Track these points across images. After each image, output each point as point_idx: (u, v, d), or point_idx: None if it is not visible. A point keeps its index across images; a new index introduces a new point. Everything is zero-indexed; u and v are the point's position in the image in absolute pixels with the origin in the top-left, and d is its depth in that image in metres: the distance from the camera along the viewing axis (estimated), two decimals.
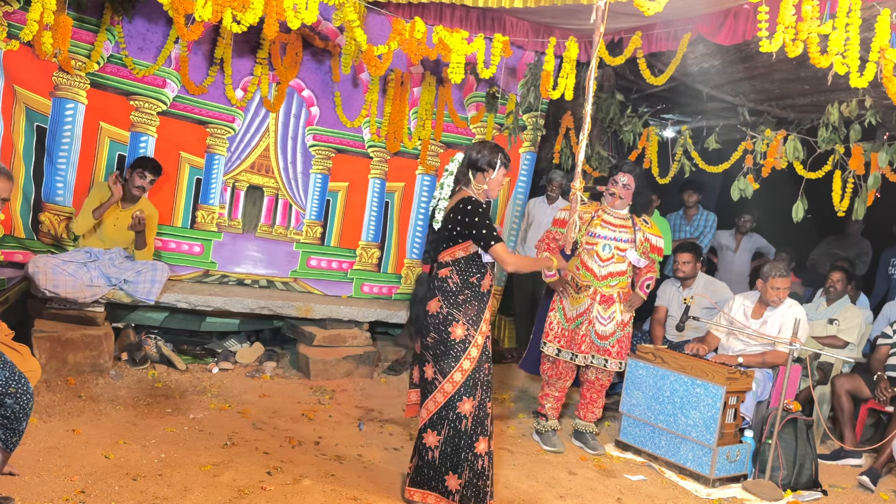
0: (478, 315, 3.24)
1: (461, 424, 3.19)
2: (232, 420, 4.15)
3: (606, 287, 4.37)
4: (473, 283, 3.23)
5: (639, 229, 4.45)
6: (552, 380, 4.49)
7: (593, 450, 4.44)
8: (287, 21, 3.97)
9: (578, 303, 4.38)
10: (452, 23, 5.11)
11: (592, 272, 4.36)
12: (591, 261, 4.35)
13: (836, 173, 5.29)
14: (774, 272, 4.56)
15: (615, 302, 4.39)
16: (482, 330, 3.24)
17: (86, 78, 4.92)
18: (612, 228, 4.38)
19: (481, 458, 3.23)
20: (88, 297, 4.55)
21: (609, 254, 4.36)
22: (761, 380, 4.52)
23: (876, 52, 3.57)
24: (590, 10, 3.62)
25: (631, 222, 4.44)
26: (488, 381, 3.29)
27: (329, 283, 5.78)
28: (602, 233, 4.36)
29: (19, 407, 2.62)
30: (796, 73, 5.26)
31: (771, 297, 4.58)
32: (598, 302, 4.36)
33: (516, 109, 5.94)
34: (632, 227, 4.43)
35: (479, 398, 3.22)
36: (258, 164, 5.55)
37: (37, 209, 4.89)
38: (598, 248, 4.34)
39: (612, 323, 4.38)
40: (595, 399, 4.54)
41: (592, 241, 4.36)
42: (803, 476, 4.22)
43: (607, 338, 4.38)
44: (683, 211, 6.87)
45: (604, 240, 4.36)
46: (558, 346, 4.40)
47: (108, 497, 3.03)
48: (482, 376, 3.24)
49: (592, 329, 4.36)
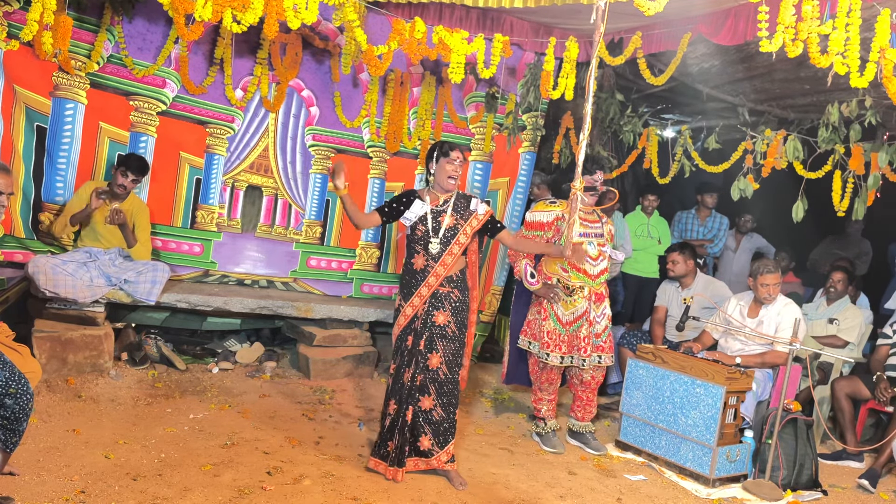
0: (408, 289, 3.70)
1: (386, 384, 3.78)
2: (232, 420, 4.15)
3: (598, 285, 4.39)
4: (407, 261, 3.76)
5: (605, 222, 4.51)
6: (545, 385, 4.46)
7: (595, 450, 4.42)
8: (287, 21, 3.97)
9: (573, 306, 4.34)
10: (452, 23, 5.11)
11: (585, 272, 4.34)
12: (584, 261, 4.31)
13: (836, 173, 5.29)
14: (763, 269, 4.59)
15: (605, 298, 4.45)
16: (412, 302, 3.67)
17: (86, 78, 4.92)
18: (589, 225, 4.40)
19: (389, 416, 3.67)
20: (88, 297, 4.55)
21: (596, 252, 4.38)
22: (761, 380, 4.52)
23: (876, 52, 3.57)
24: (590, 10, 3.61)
25: (596, 215, 4.50)
26: (410, 354, 3.67)
27: (329, 283, 5.78)
28: (584, 231, 4.35)
29: (19, 407, 2.62)
30: (796, 73, 5.26)
31: (762, 294, 4.59)
32: (592, 301, 4.37)
33: (516, 109, 5.93)
34: (599, 220, 4.49)
35: (398, 363, 3.69)
36: (258, 164, 5.55)
37: (37, 209, 4.89)
38: (586, 247, 4.31)
39: (604, 319, 4.43)
40: (591, 399, 4.52)
41: (578, 240, 4.28)
42: (803, 476, 4.22)
43: (601, 335, 4.41)
44: (696, 211, 6.86)
45: (587, 238, 4.35)
46: (561, 355, 4.33)
47: (108, 497, 3.03)
48: (403, 346, 3.69)
49: (592, 330, 4.36)
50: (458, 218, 3.72)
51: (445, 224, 3.68)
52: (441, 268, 3.66)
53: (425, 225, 3.69)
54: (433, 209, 3.71)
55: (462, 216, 3.73)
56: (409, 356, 3.68)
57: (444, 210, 3.71)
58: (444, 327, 3.68)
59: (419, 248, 3.70)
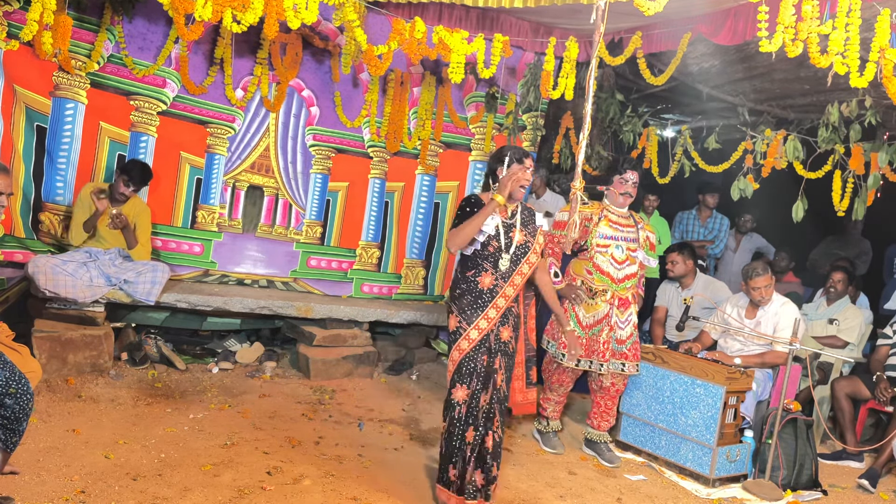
0: (471, 309, 3.30)
1: (455, 412, 3.28)
2: (232, 420, 4.15)
3: (623, 290, 4.28)
4: (469, 278, 3.35)
5: (641, 227, 4.39)
6: (555, 386, 4.39)
7: (610, 462, 4.30)
8: (287, 21, 3.97)
9: (595, 309, 4.25)
10: (452, 23, 5.11)
11: (609, 276, 4.24)
12: (607, 264, 4.24)
13: (836, 173, 5.29)
14: (752, 273, 4.59)
15: (630, 304, 4.31)
16: (478, 325, 3.28)
17: (86, 78, 4.92)
18: (619, 228, 4.30)
19: (471, 445, 3.28)
20: (88, 297, 4.55)
21: (623, 255, 4.26)
22: (761, 380, 4.52)
23: (876, 52, 3.57)
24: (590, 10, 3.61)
25: (633, 220, 4.39)
26: (487, 375, 3.30)
27: (329, 282, 5.78)
28: (612, 234, 4.27)
29: (19, 407, 2.62)
30: (796, 73, 5.26)
31: (755, 297, 4.60)
32: (616, 306, 4.26)
33: (516, 109, 5.94)
34: (634, 225, 4.37)
35: (474, 388, 3.29)
36: (258, 164, 5.55)
37: (37, 209, 4.89)
38: (612, 250, 4.24)
39: (629, 326, 4.30)
40: (610, 407, 4.42)
41: (604, 243, 4.25)
42: (803, 476, 4.22)
43: (624, 341, 4.29)
44: (697, 211, 6.85)
45: (614, 241, 4.27)
46: (577, 357, 4.25)
47: (108, 497, 3.03)
48: (478, 368, 3.29)
49: (613, 335, 4.26)
50: (527, 234, 3.39)
51: (516, 240, 3.35)
52: (511, 288, 3.32)
53: (498, 241, 3.31)
54: (504, 222, 3.35)
55: (530, 232, 3.41)
56: (487, 377, 3.31)
57: (513, 224, 3.37)
58: (507, 343, 3.38)
59: (488, 266, 3.31)
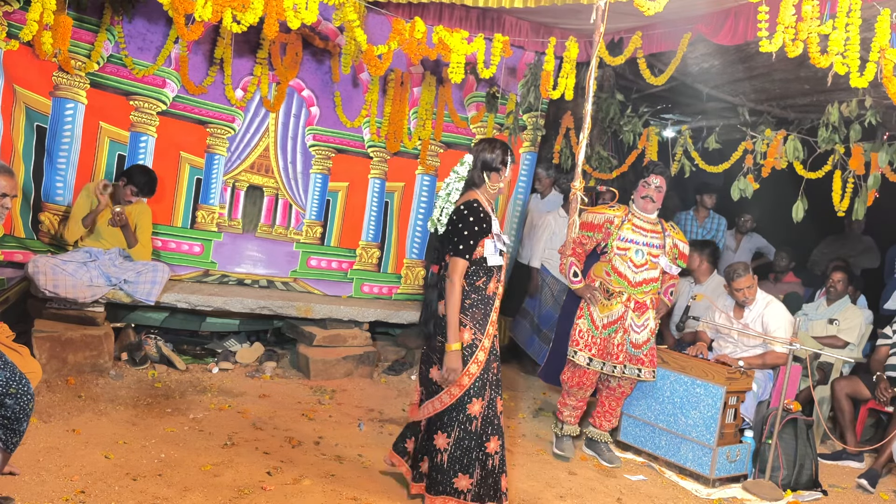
0: (484, 318, 3.18)
1: (471, 426, 3.18)
2: (232, 420, 4.15)
3: (640, 294, 4.24)
4: (479, 287, 3.18)
5: (668, 235, 4.32)
6: (573, 389, 4.33)
7: (609, 462, 4.29)
8: (287, 21, 3.97)
9: (609, 310, 4.22)
10: (452, 23, 5.11)
11: (626, 278, 4.21)
12: (625, 267, 4.21)
13: (836, 173, 5.29)
14: (734, 275, 4.61)
15: (648, 309, 4.26)
16: (489, 332, 3.19)
17: (86, 78, 4.92)
18: (643, 233, 4.25)
19: (492, 456, 3.22)
20: (88, 297, 4.55)
21: (643, 259, 4.22)
22: (762, 380, 4.52)
23: (876, 52, 3.57)
24: (590, 10, 3.62)
25: (660, 227, 4.32)
26: (497, 380, 3.27)
27: (329, 283, 5.78)
28: (633, 237, 4.23)
29: (20, 407, 2.62)
30: (796, 73, 5.26)
31: (739, 299, 4.63)
32: (631, 309, 4.22)
33: (516, 109, 5.93)
34: (661, 232, 4.31)
35: (489, 398, 3.22)
36: (258, 164, 5.55)
37: (37, 209, 4.89)
38: (631, 254, 4.21)
39: (645, 331, 4.25)
40: (615, 407, 4.43)
41: (624, 245, 4.22)
42: (803, 476, 4.22)
43: (640, 346, 4.25)
44: (695, 212, 6.86)
45: (636, 245, 4.22)
46: (590, 356, 4.22)
47: (108, 497, 3.03)
48: (490, 376, 3.22)
49: (628, 338, 4.22)
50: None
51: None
52: (502, 288, 3.26)
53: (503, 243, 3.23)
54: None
55: None
56: (498, 383, 3.27)
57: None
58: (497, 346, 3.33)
59: (495, 271, 3.22)
